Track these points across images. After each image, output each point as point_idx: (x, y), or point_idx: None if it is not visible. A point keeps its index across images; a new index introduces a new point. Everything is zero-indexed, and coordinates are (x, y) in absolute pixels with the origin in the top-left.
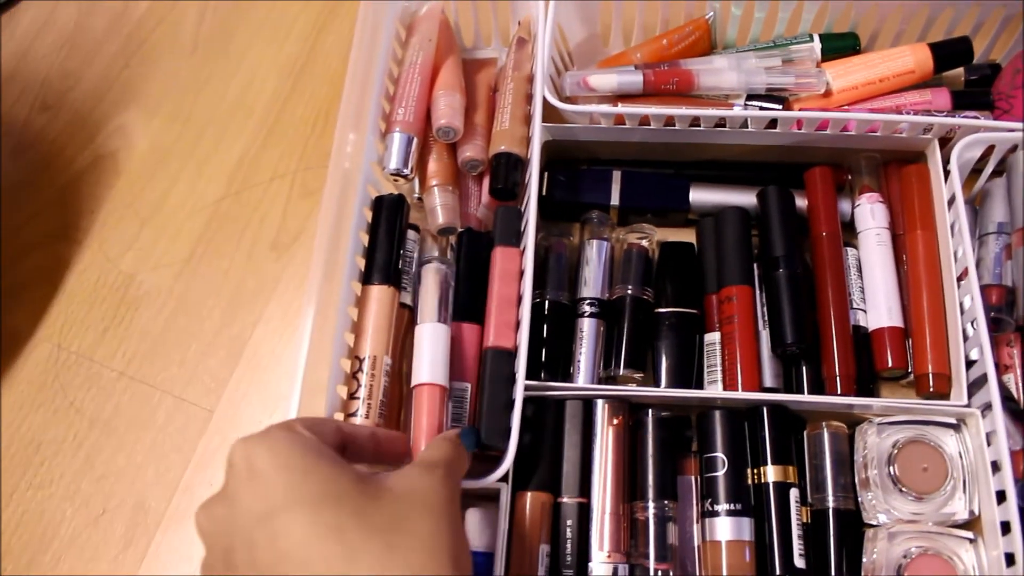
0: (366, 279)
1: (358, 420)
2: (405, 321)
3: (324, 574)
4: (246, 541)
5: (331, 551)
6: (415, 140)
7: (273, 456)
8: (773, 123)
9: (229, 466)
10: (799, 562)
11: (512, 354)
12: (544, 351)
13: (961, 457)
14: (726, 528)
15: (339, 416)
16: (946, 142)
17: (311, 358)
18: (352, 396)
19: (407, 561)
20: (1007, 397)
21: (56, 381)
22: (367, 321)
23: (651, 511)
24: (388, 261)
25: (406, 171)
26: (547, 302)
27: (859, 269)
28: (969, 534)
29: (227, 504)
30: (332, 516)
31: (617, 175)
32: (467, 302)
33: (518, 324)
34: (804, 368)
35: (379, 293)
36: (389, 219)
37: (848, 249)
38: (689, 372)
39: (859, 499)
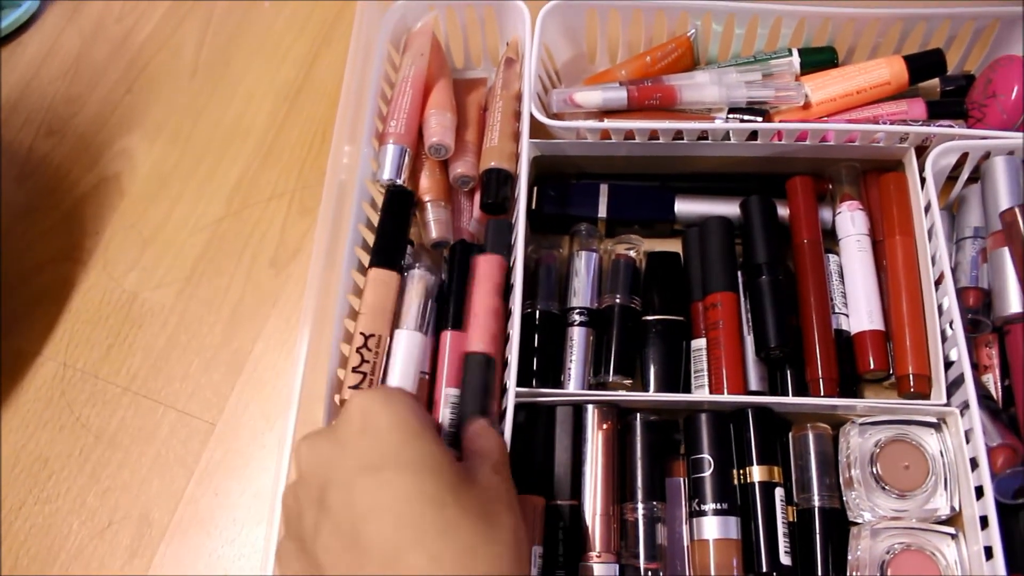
0: (371, 263)
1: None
2: None
3: (414, 537)
4: (347, 484)
5: (428, 518)
6: (408, 151)
7: (390, 415)
8: (754, 135)
9: (345, 413)
10: (785, 559)
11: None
12: (535, 359)
13: (942, 455)
14: (713, 527)
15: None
16: (922, 151)
17: (308, 369)
18: (355, 370)
19: (492, 551)
20: (984, 396)
21: (62, 398)
22: (369, 302)
23: (640, 512)
24: (394, 247)
25: (399, 181)
26: (538, 312)
27: (841, 275)
28: (951, 530)
29: (336, 445)
30: (434, 487)
31: (604, 188)
32: (459, 311)
33: (505, 333)
34: (788, 371)
35: (384, 276)
36: (397, 208)
37: (830, 255)
38: (676, 377)
39: (843, 498)
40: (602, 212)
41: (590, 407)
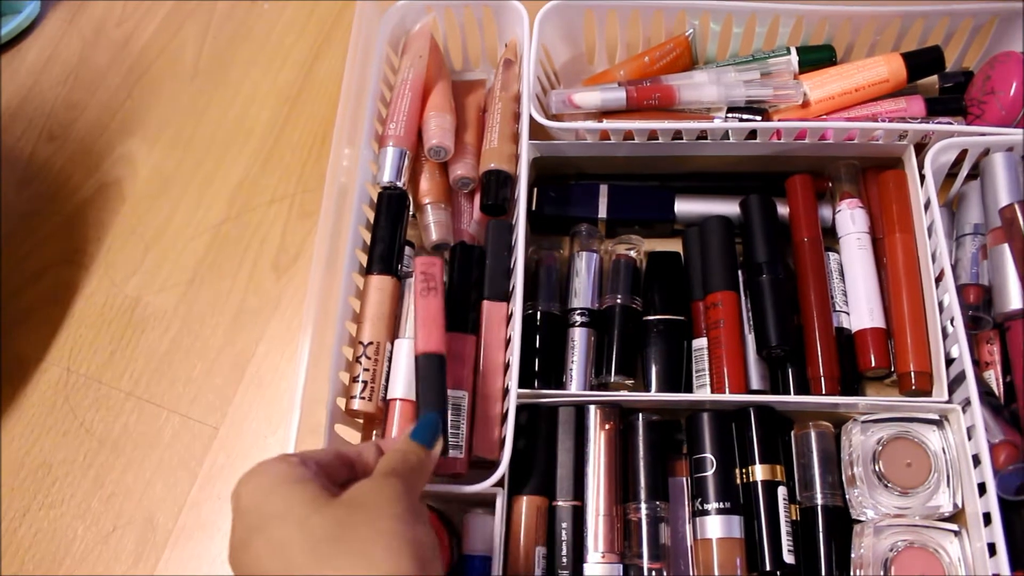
0: (368, 270)
1: (356, 404)
2: None
3: None
4: (240, 568)
5: (275, 566)
6: (407, 153)
7: (249, 489)
8: (753, 134)
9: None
10: (788, 558)
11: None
12: (537, 360)
13: (944, 452)
14: (716, 526)
15: (341, 401)
16: (921, 148)
17: (310, 372)
18: (354, 379)
19: (345, 563)
20: (986, 392)
21: (66, 403)
22: (368, 310)
23: (644, 512)
24: (390, 252)
25: (399, 184)
26: (539, 313)
27: (841, 273)
28: (954, 526)
29: (231, 539)
30: (279, 533)
31: (604, 189)
32: (459, 313)
33: (508, 337)
34: (790, 370)
35: (381, 282)
36: (391, 212)
37: (830, 253)
38: (678, 377)
39: (846, 496)
40: (602, 213)
41: (592, 408)
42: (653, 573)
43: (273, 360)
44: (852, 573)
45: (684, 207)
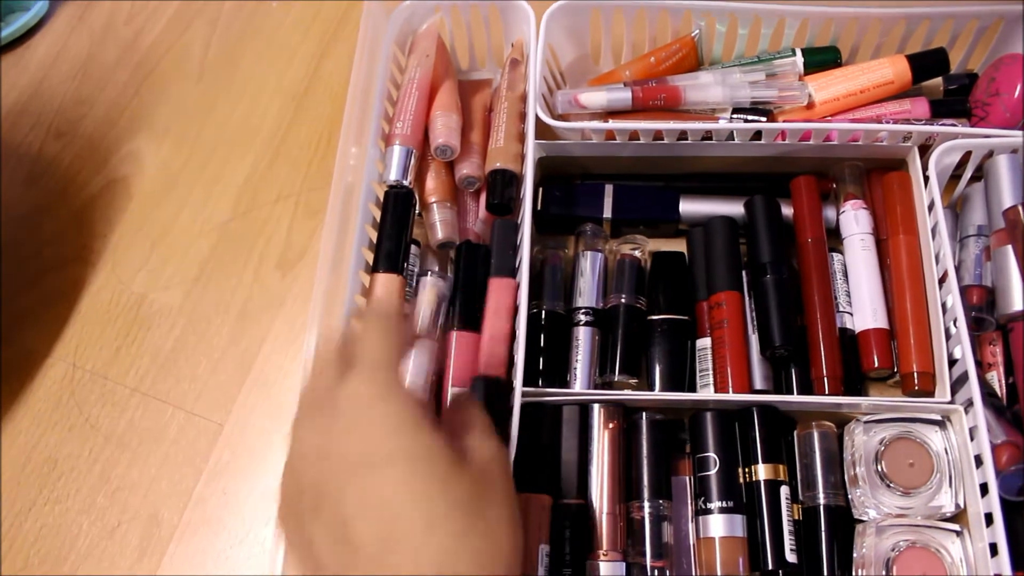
0: (374, 268)
1: None
2: None
3: (398, 536)
4: (337, 483)
5: (414, 515)
6: (414, 152)
7: (382, 408)
8: (758, 135)
9: (339, 404)
10: (791, 557)
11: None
12: (541, 359)
13: (946, 452)
14: (719, 525)
15: None
16: (926, 149)
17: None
18: None
19: (476, 546)
20: (989, 393)
21: (72, 399)
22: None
23: (647, 510)
24: (396, 251)
25: (406, 182)
26: (544, 312)
27: (845, 273)
28: (956, 527)
29: (328, 439)
30: (422, 482)
31: (609, 189)
32: (465, 311)
33: (513, 336)
34: (793, 370)
35: (387, 280)
36: (397, 210)
37: (834, 254)
38: (682, 376)
39: (848, 496)
40: (607, 212)
41: (596, 406)
42: (656, 571)
43: (278, 358)
44: (854, 572)
45: (689, 207)
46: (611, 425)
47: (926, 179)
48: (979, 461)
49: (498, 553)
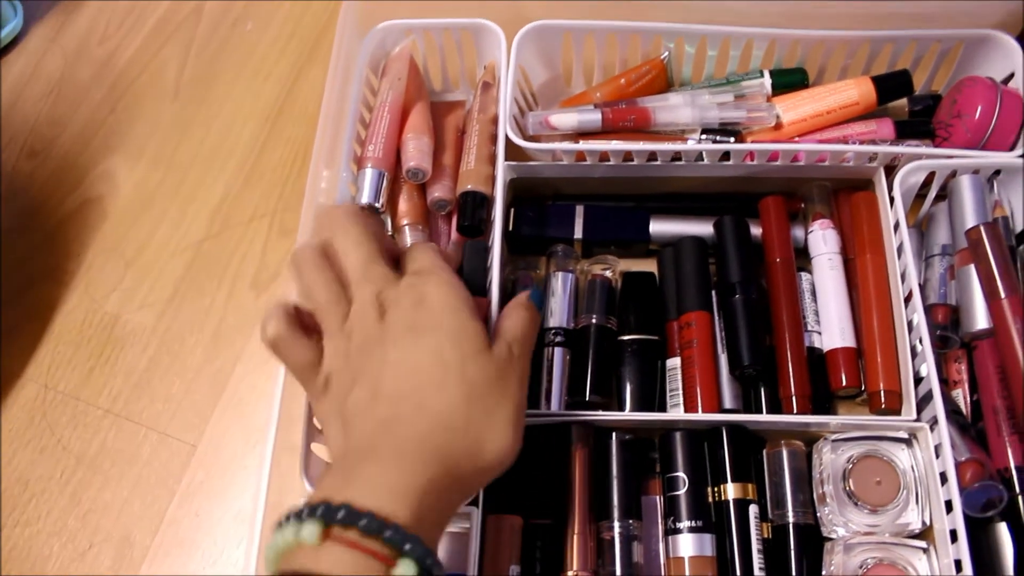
0: None
1: None
2: None
3: (432, 384)
4: (386, 343)
5: (447, 373)
6: (386, 175)
7: (442, 296)
8: (727, 155)
9: (413, 288)
10: (760, 575)
11: None
12: None
13: (913, 470)
14: (689, 544)
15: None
16: (891, 169)
17: (288, 390)
18: None
19: (502, 411)
20: (954, 411)
21: (43, 420)
22: None
23: (617, 530)
24: None
25: (377, 205)
26: None
27: (813, 293)
28: (922, 543)
29: (392, 306)
30: (458, 352)
31: (580, 209)
32: None
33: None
34: (762, 389)
35: None
36: None
37: (802, 274)
38: (652, 396)
39: (817, 514)
40: (578, 233)
41: (567, 427)
42: None
43: (252, 378)
44: None
45: (659, 228)
46: (582, 445)
47: (892, 199)
48: (944, 478)
49: (492, 444)
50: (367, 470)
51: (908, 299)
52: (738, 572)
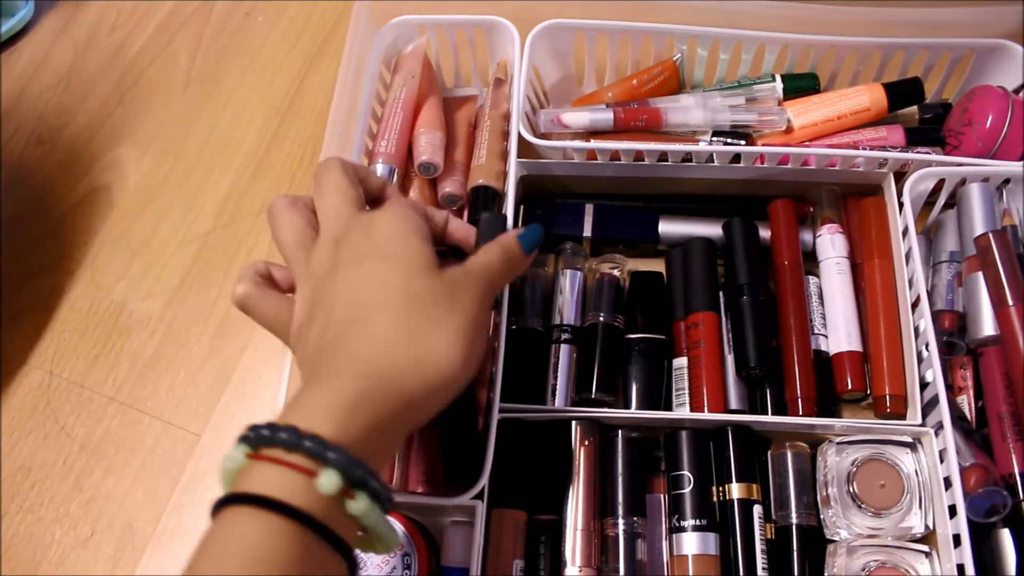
0: None
1: None
2: None
3: (376, 305)
4: (337, 273)
5: (368, 293)
6: (396, 171)
7: (386, 222)
8: (737, 158)
9: (369, 221)
10: (763, 575)
11: None
12: (520, 376)
13: (917, 474)
14: (692, 543)
15: None
16: (901, 176)
17: (293, 381)
18: None
19: (420, 336)
20: (959, 416)
21: (48, 407)
22: None
23: (621, 527)
24: None
25: None
26: (523, 329)
27: (820, 296)
28: (925, 547)
29: (346, 236)
30: (390, 274)
31: (590, 208)
32: None
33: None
34: (768, 391)
35: None
36: None
37: (810, 277)
38: (658, 395)
39: (821, 516)
40: (587, 231)
41: (573, 423)
42: None
43: (257, 369)
44: None
45: (668, 228)
46: (587, 442)
47: (901, 205)
48: (948, 483)
49: (437, 356)
50: (303, 394)
51: (915, 305)
52: (741, 572)
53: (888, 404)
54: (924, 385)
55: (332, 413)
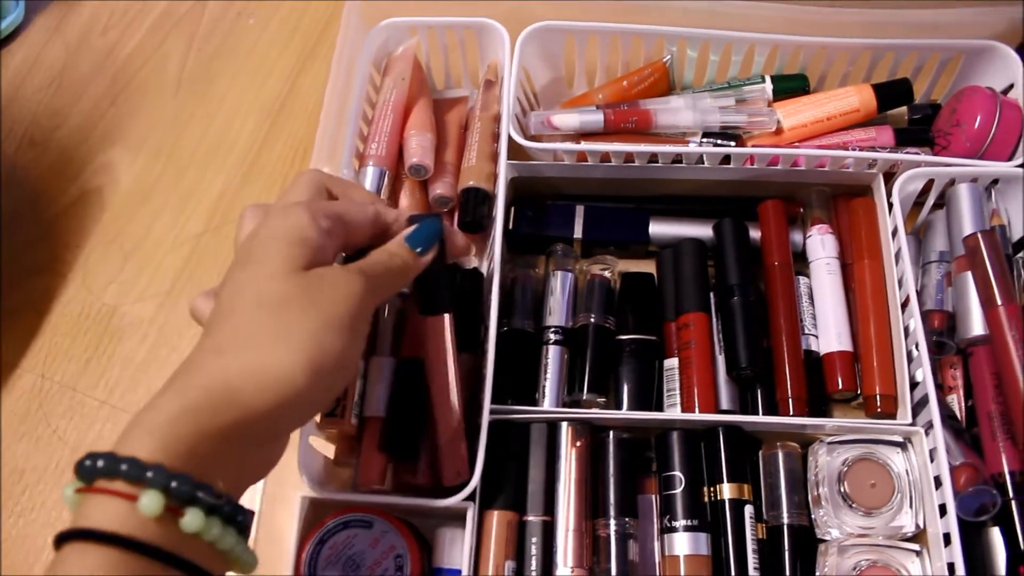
0: None
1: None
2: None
3: (228, 315)
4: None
5: (235, 297)
6: (387, 173)
7: (260, 223)
8: (727, 159)
9: (258, 223)
10: (754, 575)
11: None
12: (510, 377)
13: (907, 473)
14: (684, 543)
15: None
16: (890, 176)
17: None
18: None
19: (289, 336)
20: (948, 416)
21: (40, 410)
22: None
23: (612, 528)
24: None
25: None
26: (513, 331)
27: (810, 297)
28: (915, 546)
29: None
30: (243, 276)
31: (580, 209)
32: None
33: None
34: (759, 391)
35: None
36: None
37: (800, 278)
38: (649, 396)
39: (812, 515)
40: (578, 233)
41: (564, 424)
42: None
43: None
44: None
45: (658, 229)
46: (578, 443)
47: (890, 205)
48: (938, 482)
49: (277, 360)
50: (135, 415)
51: (905, 304)
52: (733, 572)
53: (878, 404)
54: (914, 385)
55: (155, 431)
